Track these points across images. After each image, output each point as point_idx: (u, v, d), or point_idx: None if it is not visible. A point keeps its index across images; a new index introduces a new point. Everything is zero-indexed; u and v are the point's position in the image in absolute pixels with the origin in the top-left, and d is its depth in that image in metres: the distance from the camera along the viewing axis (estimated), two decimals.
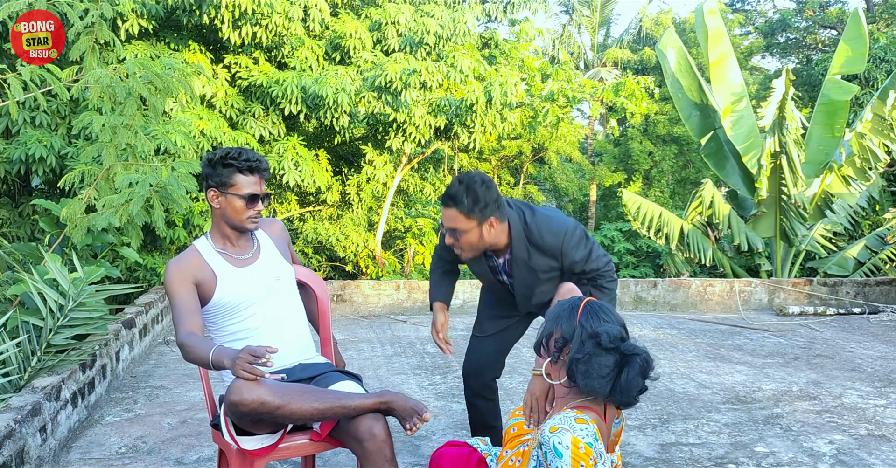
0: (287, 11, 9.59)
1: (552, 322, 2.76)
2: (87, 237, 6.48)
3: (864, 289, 10.49)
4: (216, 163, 3.33)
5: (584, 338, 2.63)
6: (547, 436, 2.53)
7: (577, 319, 2.69)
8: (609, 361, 2.60)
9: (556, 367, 2.73)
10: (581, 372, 2.62)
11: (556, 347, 2.72)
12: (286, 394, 2.89)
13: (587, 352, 2.61)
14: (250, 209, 3.35)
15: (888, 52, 17.88)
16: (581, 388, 2.66)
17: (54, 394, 4.41)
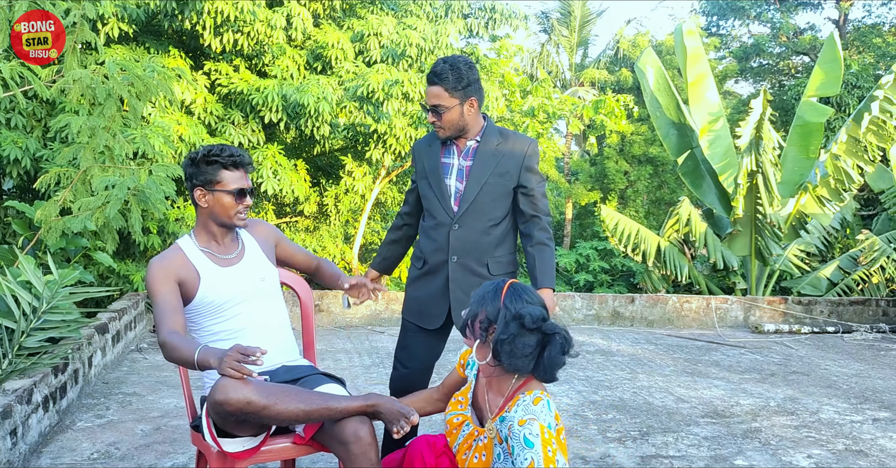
0: (269, 19, 9.56)
1: (477, 304, 2.87)
2: (60, 240, 6.39)
3: (837, 308, 10.56)
4: (199, 161, 3.28)
5: (509, 320, 2.77)
6: (517, 430, 2.68)
7: (501, 301, 2.82)
8: (532, 341, 2.76)
9: (483, 348, 2.85)
10: (506, 352, 2.75)
11: (481, 328, 2.84)
12: (273, 394, 2.83)
13: (511, 333, 2.75)
14: (239, 204, 3.30)
15: (860, 78, 18.09)
16: (505, 368, 2.80)
17: (26, 397, 4.31)
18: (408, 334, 3.87)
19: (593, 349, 8.32)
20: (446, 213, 3.71)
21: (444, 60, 3.61)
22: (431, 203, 3.77)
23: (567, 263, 18.45)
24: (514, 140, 3.80)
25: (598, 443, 4.96)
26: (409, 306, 3.88)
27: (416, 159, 3.91)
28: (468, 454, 2.97)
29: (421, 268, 3.81)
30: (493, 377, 2.95)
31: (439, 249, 3.73)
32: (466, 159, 3.74)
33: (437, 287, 3.75)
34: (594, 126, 16.77)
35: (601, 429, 5.27)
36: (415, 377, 3.82)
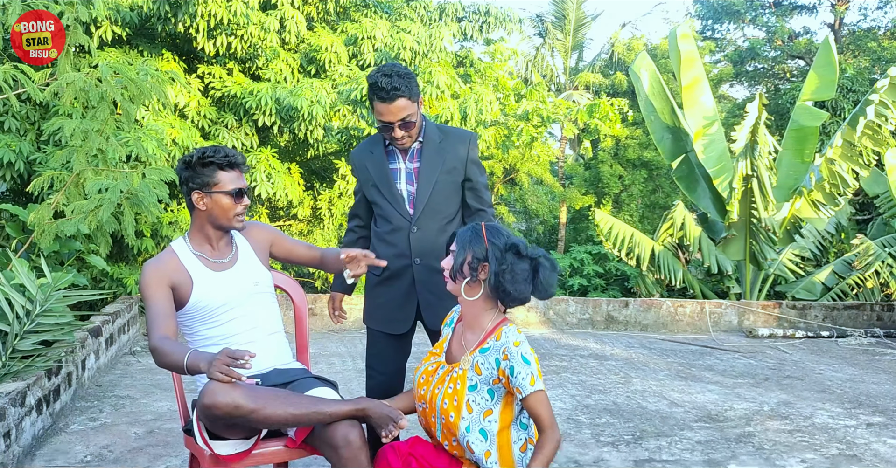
0: (263, 23, 9.56)
1: (462, 249, 3.07)
2: (54, 244, 6.37)
3: (832, 313, 10.56)
4: (195, 164, 3.27)
5: (503, 251, 3.03)
6: (514, 350, 2.95)
7: (485, 240, 3.05)
8: (526, 266, 3.02)
9: (473, 286, 3.07)
10: (508, 280, 2.99)
11: (471, 269, 3.04)
12: (261, 398, 2.83)
13: (509, 263, 3.01)
14: (238, 205, 3.30)
15: (855, 82, 18.12)
16: (510, 296, 3.02)
17: (19, 400, 4.31)
18: (377, 342, 3.86)
19: (587, 353, 8.32)
20: (402, 217, 3.71)
21: (386, 74, 3.51)
22: (385, 209, 3.75)
23: (561, 268, 18.44)
24: (455, 135, 3.83)
25: (592, 447, 4.96)
26: (374, 315, 3.86)
27: (358, 169, 3.86)
28: (441, 387, 3.08)
29: (380, 275, 3.78)
30: (475, 316, 3.12)
31: (400, 254, 3.71)
32: (413, 161, 3.74)
33: (401, 291, 3.75)
34: (588, 130, 16.79)
35: (594, 433, 5.27)
36: (392, 382, 3.83)
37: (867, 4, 30.02)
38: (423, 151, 3.73)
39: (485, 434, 2.97)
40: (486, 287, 3.06)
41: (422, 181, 3.70)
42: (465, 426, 2.97)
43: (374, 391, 3.80)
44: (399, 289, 3.76)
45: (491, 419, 2.99)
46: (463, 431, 2.97)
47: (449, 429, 3.01)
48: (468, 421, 2.97)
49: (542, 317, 10.06)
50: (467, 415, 2.97)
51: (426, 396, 3.12)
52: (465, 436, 2.97)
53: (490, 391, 3.00)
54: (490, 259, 3.02)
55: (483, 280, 3.05)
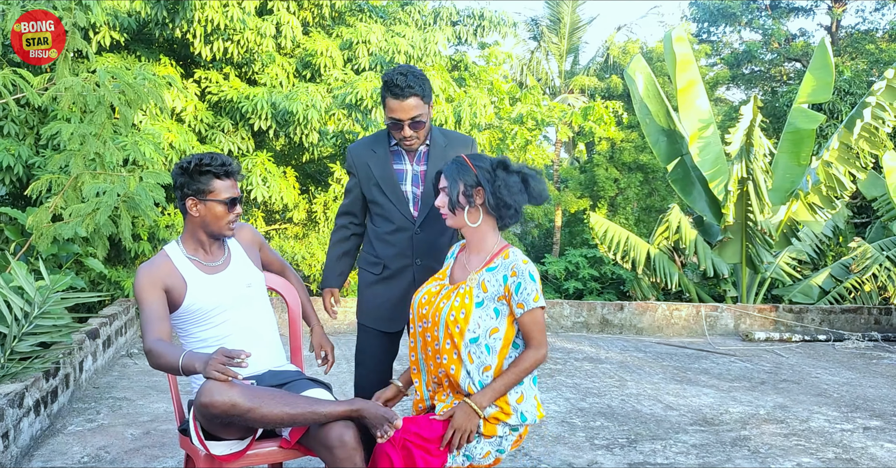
0: (259, 28, 9.60)
1: (453, 181, 3.24)
2: (52, 247, 6.40)
3: (829, 316, 10.58)
4: (192, 171, 3.29)
5: (493, 171, 3.24)
6: (522, 268, 3.16)
7: (471, 167, 3.24)
8: (517, 179, 3.24)
9: (473, 212, 3.26)
10: (506, 194, 3.20)
11: (466, 197, 3.23)
12: (257, 397, 2.85)
13: (502, 178, 3.22)
14: (231, 213, 3.33)
15: (853, 84, 18.14)
16: (510, 208, 3.22)
17: (17, 401, 4.33)
18: (368, 338, 3.88)
19: (581, 356, 8.34)
20: (406, 218, 3.73)
21: (402, 72, 3.58)
22: (388, 209, 3.76)
23: (556, 271, 18.43)
24: (457, 140, 3.90)
25: (586, 450, 4.98)
26: (369, 312, 3.87)
27: (357, 166, 3.84)
28: (447, 302, 3.22)
29: (379, 274, 3.81)
30: (480, 240, 3.31)
31: (401, 254, 3.75)
32: (420, 164, 3.77)
33: (399, 290, 3.77)
34: (583, 133, 16.80)
35: (589, 436, 5.28)
36: (380, 377, 3.85)
37: (864, 6, 29.98)
38: (430, 154, 3.76)
39: (489, 349, 3.15)
40: (483, 210, 3.26)
41: (428, 184, 3.73)
42: (471, 338, 3.13)
43: (361, 386, 3.83)
44: (397, 289, 3.78)
45: (496, 337, 3.17)
46: (467, 341, 3.13)
47: (452, 340, 3.14)
48: (475, 334, 3.14)
49: None
50: (476, 329, 3.14)
51: (428, 314, 3.24)
52: (468, 346, 3.12)
53: (496, 309, 3.18)
54: (482, 182, 3.21)
55: (480, 205, 3.25)
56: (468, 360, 3.13)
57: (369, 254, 3.86)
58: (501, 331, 3.18)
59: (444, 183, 3.28)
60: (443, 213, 3.31)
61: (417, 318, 3.31)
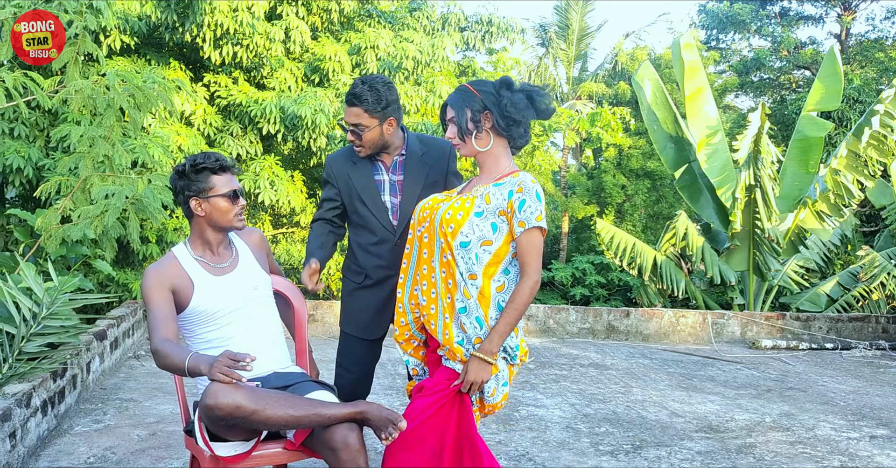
0: (268, 32, 9.64)
1: (459, 110, 3.30)
2: (61, 248, 6.43)
3: (836, 324, 10.55)
4: (188, 172, 3.34)
5: (497, 92, 3.28)
6: (530, 186, 3.19)
7: (475, 93, 3.28)
8: (522, 97, 3.26)
9: (482, 137, 3.31)
10: (514, 111, 3.24)
11: (474, 122, 3.28)
12: (262, 399, 2.87)
13: (507, 98, 3.25)
14: (235, 205, 3.36)
15: (862, 92, 18.11)
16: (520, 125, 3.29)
17: (25, 401, 4.35)
18: (350, 344, 3.92)
19: (587, 362, 8.34)
20: (386, 229, 3.77)
21: (363, 81, 3.69)
22: (368, 221, 3.81)
23: (563, 277, 18.44)
24: (435, 146, 3.95)
25: (591, 455, 4.98)
26: (351, 319, 3.91)
27: (336, 177, 3.89)
28: (447, 204, 3.30)
29: (361, 283, 3.86)
30: (493, 163, 3.35)
31: (383, 265, 3.79)
32: (396, 174, 3.82)
33: (379, 299, 3.82)
34: (591, 139, 16.80)
35: (593, 442, 5.29)
36: (360, 381, 3.92)
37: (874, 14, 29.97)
38: (406, 164, 3.82)
39: (477, 258, 3.18)
40: (494, 133, 3.31)
41: (406, 193, 3.78)
42: (462, 242, 3.17)
43: (342, 390, 3.86)
44: (378, 297, 3.82)
45: (487, 249, 3.19)
46: (458, 244, 3.17)
47: (446, 239, 3.19)
48: (467, 238, 3.18)
49: (543, 326, 10.08)
50: (469, 234, 3.18)
51: (429, 216, 3.31)
52: (458, 250, 3.17)
53: (494, 224, 3.20)
54: (488, 105, 3.26)
55: (489, 129, 3.30)
56: (458, 263, 3.18)
57: (352, 263, 3.91)
58: (494, 246, 3.20)
59: (450, 113, 3.34)
60: (454, 144, 3.37)
61: (417, 222, 3.38)
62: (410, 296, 3.41)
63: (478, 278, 3.17)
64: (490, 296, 3.19)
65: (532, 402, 6.31)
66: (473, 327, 3.17)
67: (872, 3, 27.03)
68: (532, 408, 6.11)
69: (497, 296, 3.20)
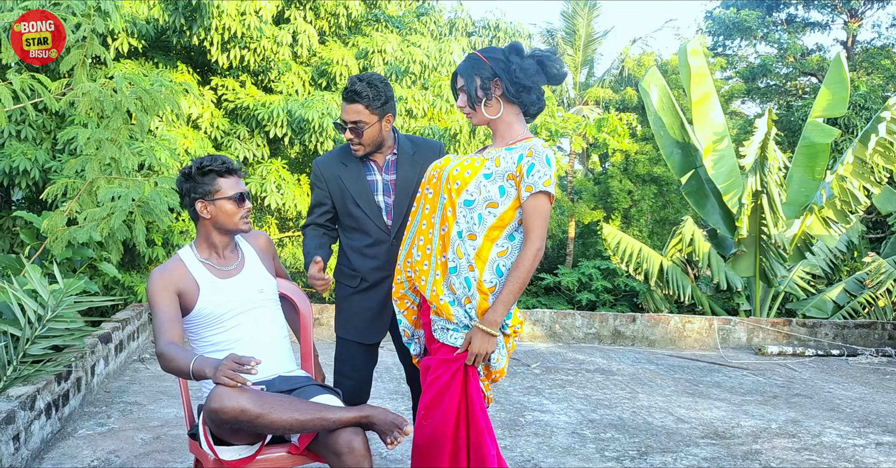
0: (276, 36, 9.66)
1: (468, 78, 3.29)
2: (66, 251, 6.44)
3: (843, 331, 10.52)
4: (194, 174, 3.36)
5: (507, 58, 3.26)
6: (541, 150, 3.19)
7: (484, 60, 3.27)
8: (532, 62, 3.24)
9: (493, 105, 3.28)
10: (523, 77, 3.21)
11: (483, 90, 3.26)
12: (267, 403, 2.86)
13: (516, 63, 3.22)
14: (241, 208, 3.36)
15: (868, 99, 18.09)
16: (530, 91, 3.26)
17: (29, 404, 4.35)
18: (347, 350, 3.89)
19: (593, 368, 8.32)
20: (381, 229, 3.76)
21: (361, 78, 3.69)
22: (363, 222, 3.79)
23: (569, 282, 18.44)
24: (426, 146, 3.96)
25: (596, 461, 4.96)
26: (348, 325, 3.88)
27: (327, 180, 3.86)
28: (457, 163, 3.32)
29: (356, 287, 3.82)
30: (506, 129, 3.33)
31: (379, 267, 3.76)
32: (389, 173, 3.81)
33: (376, 302, 3.80)
34: (597, 144, 16.79)
35: (599, 448, 5.27)
36: (359, 387, 3.90)
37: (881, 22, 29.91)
38: (398, 163, 3.81)
39: (480, 219, 3.18)
40: (504, 101, 3.29)
41: (399, 192, 3.77)
42: (466, 200, 3.20)
43: (344, 395, 3.80)
44: (374, 300, 3.80)
45: (492, 211, 3.19)
46: (462, 201, 3.20)
47: (450, 195, 3.22)
48: (472, 197, 3.19)
49: (549, 331, 10.07)
50: (474, 192, 3.19)
51: (437, 174, 3.34)
52: (461, 208, 3.19)
53: (501, 188, 3.20)
54: (497, 72, 3.24)
55: (500, 96, 3.28)
56: (460, 221, 3.19)
57: (345, 267, 3.88)
58: (500, 210, 3.19)
59: (460, 82, 3.34)
60: (466, 113, 3.36)
61: (427, 180, 3.41)
62: (407, 254, 3.41)
63: (477, 239, 3.18)
64: (487, 259, 3.18)
65: (538, 408, 6.30)
66: (462, 287, 3.16)
67: (879, 10, 27.00)
68: (538, 414, 6.10)
69: (498, 260, 3.20)
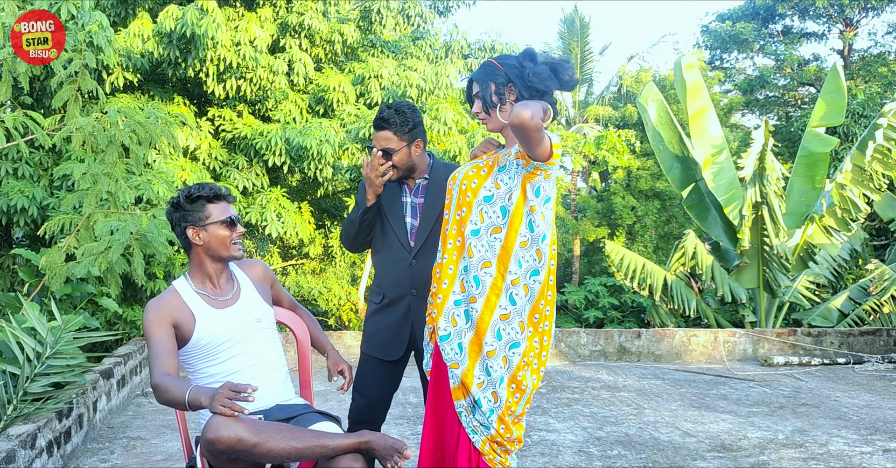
0: (271, 65, 9.71)
1: (484, 85, 3.32)
2: (66, 287, 6.44)
3: (848, 339, 10.48)
4: (183, 203, 3.37)
5: (520, 64, 3.29)
6: None
7: (499, 67, 3.31)
8: (545, 68, 3.26)
9: (506, 109, 3.30)
10: (537, 82, 3.24)
11: (498, 95, 3.30)
12: (263, 431, 2.84)
13: (529, 69, 3.26)
14: (233, 233, 3.37)
15: (866, 107, 18.11)
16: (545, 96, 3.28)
17: (29, 442, 4.33)
18: (367, 366, 3.94)
19: (599, 385, 8.29)
20: (405, 248, 3.83)
21: (389, 106, 3.79)
22: (390, 240, 3.88)
23: (576, 300, 18.40)
24: None
25: None
26: (370, 341, 3.95)
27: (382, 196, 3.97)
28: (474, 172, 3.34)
29: (379, 303, 3.90)
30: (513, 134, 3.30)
31: (398, 284, 3.83)
32: (418, 196, 3.89)
33: (396, 319, 3.84)
34: (598, 162, 16.81)
35: (606, 465, 5.24)
36: (374, 407, 3.92)
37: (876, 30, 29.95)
38: (427, 188, 3.88)
39: (504, 211, 3.22)
40: None
41: (423, 216, 3.84)
42: (486, 196, 3.25)
43: (355, 412, 3.92)
44: (394, 317, 3.85)
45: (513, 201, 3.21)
46: (481, 199, 3.25)
47: (464, 197, 3.29)
48: (490, 192, 3.25)
49: (554, 350, 10.04)
50: (492, 188, 3.25)
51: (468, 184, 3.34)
52: (480, 204, 3.25)
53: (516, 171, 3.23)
54: (512, 78, 3.27)
55: (513, 101, 3.29)
56: (478, 218, 3.24)
57: (374, 285, 3.98)
58: (514, 198, 3.21)
59: (475, 89, 3.38)
60: (481, 119, 3.40)
61: None
62: None
63: (502, 231, 3.24)
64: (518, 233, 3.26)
65: (544, 427, 6.27)
66: None
67: (874, 18, 27.07)
68: (544, 433, 6.07)
69: None
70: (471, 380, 3.20)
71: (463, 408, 3.24)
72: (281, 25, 10.50)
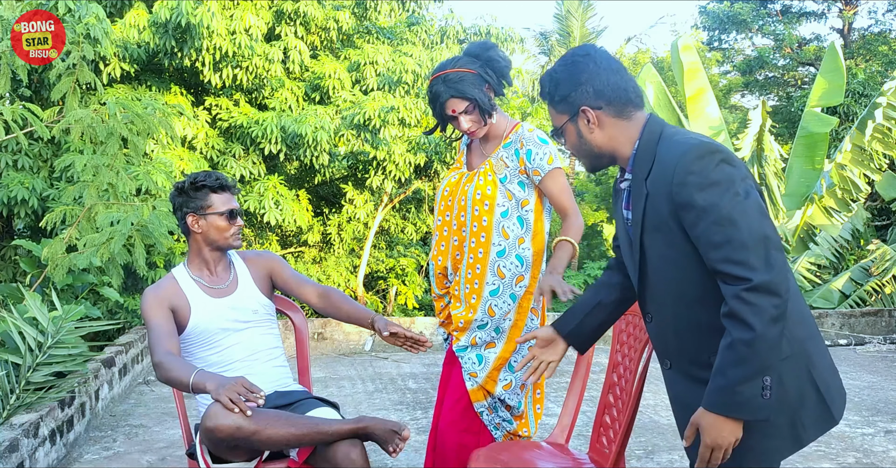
0: (267, 54, 9.69)
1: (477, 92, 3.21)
2: (67, 277, 6.46)
3: (849, 320, 10.48)
4: (188, 189, 3.38)
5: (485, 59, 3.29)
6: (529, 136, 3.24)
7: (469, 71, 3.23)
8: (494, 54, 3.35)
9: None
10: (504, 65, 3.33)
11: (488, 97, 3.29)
12: (262, 419, 2.87)
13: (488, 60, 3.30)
14: (233, 225, 3.39)
15: (867, 86, 18.05)
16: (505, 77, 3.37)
17: (32, 431, 4.36)
18: None
19: (598, 368, 8.29)
20: None
21: None
22: None
23: (576, 284, 18.37)
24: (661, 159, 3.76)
25: None
26: None
27: None
28: (471, 184, 3.30)
29: None
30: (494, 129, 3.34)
31: None
32: None
33: None
34: None
35: None
36: None
37: (876, 8, 29.82)
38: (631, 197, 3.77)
39: (521, 221, 3.22)
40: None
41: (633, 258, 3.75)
42: (503, 212, 3.21)
43: None
44: None
45: (528, 208, 3.24)
46: (499, 217, 3.20)
47: (480, 220, 3.21)
48: (505, 207, 3.20)
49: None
50: (504, 202, 3.20)
51: (454, 203, 3.32)
52: (500, 221, 3.20)
53: (521, 183, 3.25)
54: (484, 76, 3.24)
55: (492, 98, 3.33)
56: (502, 235, 3.21)
57: None
58: (532, 203, 3.23)
59: (462, 105, 3.24)
60: (475, 130, 3.30)
61: (443, 210, 3.41)
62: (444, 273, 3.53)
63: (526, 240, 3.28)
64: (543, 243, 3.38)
65: (542, 411, 6.28)
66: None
67: None
68: (543, 417, 6.09)
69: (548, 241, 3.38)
70: (493, 386, 3.26)
71: (484, 408, 3.27)
72: (276, 13, 10.49)
